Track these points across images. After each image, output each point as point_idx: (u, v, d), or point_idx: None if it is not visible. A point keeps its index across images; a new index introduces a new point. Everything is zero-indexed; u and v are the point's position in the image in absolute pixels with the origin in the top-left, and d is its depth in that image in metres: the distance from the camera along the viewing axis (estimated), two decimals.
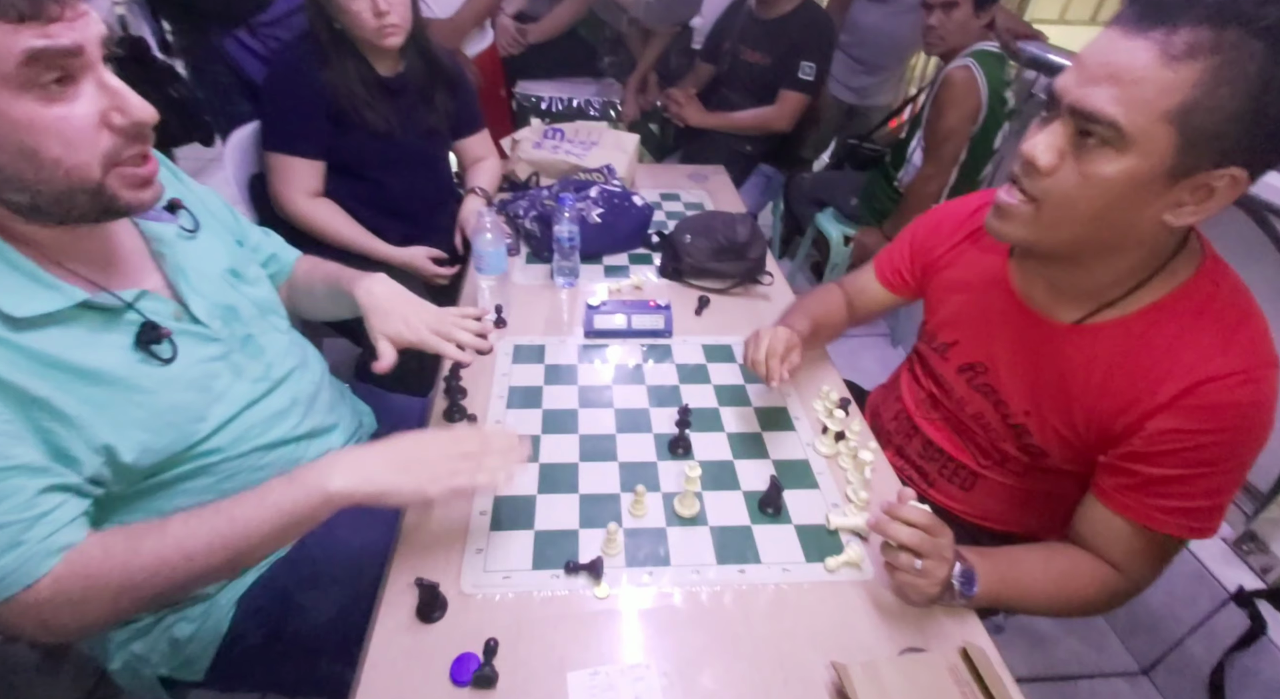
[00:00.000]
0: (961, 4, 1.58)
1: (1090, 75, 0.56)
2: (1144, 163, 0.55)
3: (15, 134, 0.48)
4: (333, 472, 0.59)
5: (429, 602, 0.63)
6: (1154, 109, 0.53)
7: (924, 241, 0.90)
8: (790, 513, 0.78)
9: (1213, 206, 0.56)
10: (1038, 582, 0.69)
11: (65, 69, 0.49)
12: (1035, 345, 0.73)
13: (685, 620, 0.66)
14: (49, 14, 0.47)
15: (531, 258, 1.26)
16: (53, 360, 0.55)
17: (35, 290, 0.55)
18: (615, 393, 0.95)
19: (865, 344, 2.26)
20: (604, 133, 1.52)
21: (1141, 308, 0.65)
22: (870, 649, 0.64)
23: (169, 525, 0.56)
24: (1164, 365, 0.63)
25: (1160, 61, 0.52)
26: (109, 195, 0.54)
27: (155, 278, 0.67)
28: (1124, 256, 0.64)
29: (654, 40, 2.11)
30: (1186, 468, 0.63)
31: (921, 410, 0.91)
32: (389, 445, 0.63)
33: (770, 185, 2.17)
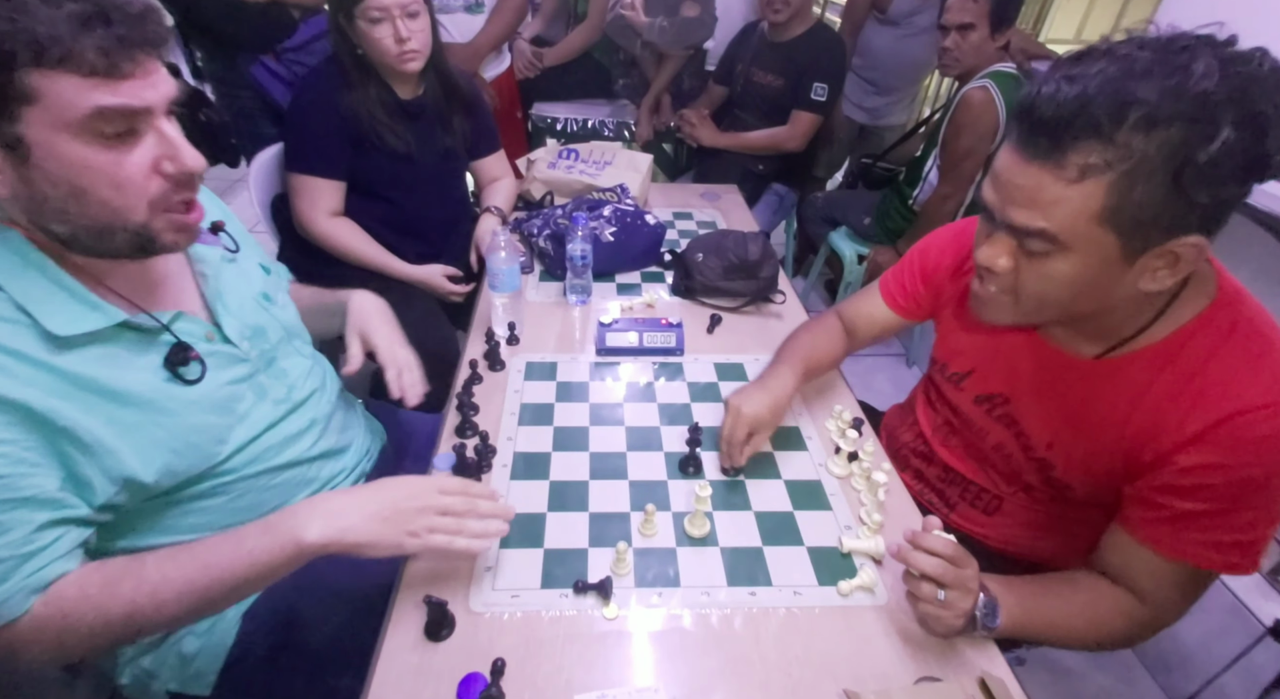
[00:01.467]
0: (978, 26, 1.59)
1: (1008, 195, 0.57)
2: (1093, 256, 0.56)
3: (68, 173, 0.50)
4: (310, 521, 0.57)
5: (437, 620, 0.63)
6: (1080, 217, 0.54)
7: (935, 261, 0.89)
8: (802, 535, 0.77)
9: (1185, 267, 0.56)
10: (1063, 613, 0.67)
11: (130, 125, 0.51)
12: (1057, 378, 0.72)
13: (695, 643, 0.65)
14: (122, 72, 0.48)
15: (545, 276, 1.27)
16: (86, 382, 0.56)
17: (79, 310, 0.56)
18: (626, 411, 0.94)
19: (879, 364, 2.24)
20: (618, 153, 1.54)
21: (1162, 339, 0.64)
22: (884, 677, 0.63)
23: (145, 568, 0.55)
24: (1190, 396, 0.62)
25: (1062, 183, 0.53)
26: (150, 237, 0.56)
27: (193, 299, 0.68)
28: (1123, 310, 0.64)
29: (667, 63, 2.14)
30: (1219, 502, 0.61)
31: (939, 437, 0.89)
32: (370, 494, 0.60)
33: (783, 204, 2.18)
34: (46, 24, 0.45)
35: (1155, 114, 0.49)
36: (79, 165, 0.50)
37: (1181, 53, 0.50)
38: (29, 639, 0.52)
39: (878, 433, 0.99)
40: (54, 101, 0.47)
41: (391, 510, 0.59)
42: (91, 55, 0.47)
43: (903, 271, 0.92)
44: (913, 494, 0.90)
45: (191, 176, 0.56)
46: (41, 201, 0.51)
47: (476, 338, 1.07)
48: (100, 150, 0.50)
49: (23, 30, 0.45)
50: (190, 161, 0.54)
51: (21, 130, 0.48)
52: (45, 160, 0.49)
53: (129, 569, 0.55)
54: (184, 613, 0.57)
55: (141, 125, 0.52)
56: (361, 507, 0.59)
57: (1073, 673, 1.31)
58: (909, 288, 0.92)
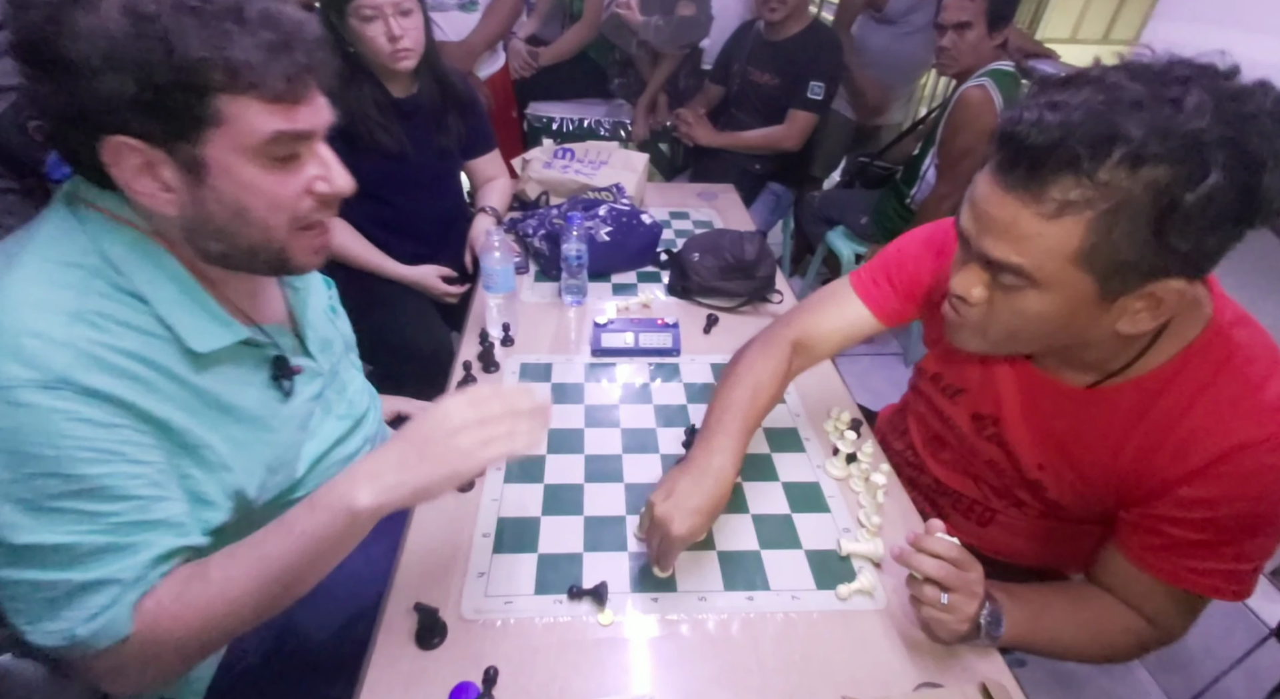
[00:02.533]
0: (975, 25, 1.58)
1: (985, 225, 0.54)
2: (1068, 295, 0.54)
3: (236, 194, 0.51)
4: (354, 488, 0.52)
5: (428, 627, 0.62)
6: (1055, 255, 0.51)
7: (913, 272, 0.81)
8: (800, 538, 0.76)
9: (1167, 311, 0.54)
10: (1067, 627, 0.66)
11: (295, 149, 0.52)
12: (1046, 405, 0.70)
13: (692, 649, 0.64)
14: (298, 97, 0.50)
15: (540, 276, 1.26)
16: (211, 398, 0.56)
17: (213, 326, 0.56)
18: (622, 412, 0.93)
19: (877, 363, 2.23)
20: (614, 152, 1.53)
21: (1153, 369, 0.62)
22: (884, 683, 0.62)
23: (209, 572, 0.53)
24: (1186, 428, 0.60)
25: (1041, 219, 0.50)
26: (286, 257, 0.57)
27: (281, 310, 0.68)
28: (1106, 344, 0.61)
29: (663, 62, 2.13)
30: (1219, 533, 0.60)
31: (930, 450, 0.87)
32: (405, 439, 0.54)
33: (780, 204, 2.17)
34: (242, 51, 0.46)
35: (1141, 152, 0.46)
36: (247, 186, 0.51)
37: (1175, 85, 0.47)
38: (125, 660, 0.50)
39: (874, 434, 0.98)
40: (237, 125, 0.48)
41: (430, 447, 0.53)
42: (278, 82, 0.48)
43: (885, 275, 0.84)
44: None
45: (338, 197, 0.56)
46: (206, 221, 0.52)
47: (470, 339, 1.06)
48: (268, 173, 0.51)
49: (223, 57, 0.46)
50: (342, 183, 0.55)
51: (202, 152, 0.49)
52: (219, 181, 0.50)
53: (194, 574, 0.53)
54: (257, 608, 0.54)
55: (304, 149, 0.53)
56: (399, 456, 0.54)
57: (1074, 676, 1.30)
58: (890, 293, 0.83)
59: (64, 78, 0.45)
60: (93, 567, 0.48)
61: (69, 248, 0.51)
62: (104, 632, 0.48)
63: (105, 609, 0.48)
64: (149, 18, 0.44)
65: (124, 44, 0.44)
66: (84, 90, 0.45)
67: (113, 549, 0.48)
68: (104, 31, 0.44)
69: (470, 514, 0.75)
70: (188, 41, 0.45)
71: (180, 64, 0.45)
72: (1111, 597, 0.67)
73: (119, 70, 0.44)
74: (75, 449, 0.47)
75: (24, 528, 0.46)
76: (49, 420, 0.46)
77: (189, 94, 0.46)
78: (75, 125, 0.48)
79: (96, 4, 0.44)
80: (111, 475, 0.48)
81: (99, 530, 0.48)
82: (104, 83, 0.45)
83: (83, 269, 0.50)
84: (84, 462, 0.47)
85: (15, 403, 0.45)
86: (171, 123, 0.47)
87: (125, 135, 0.47)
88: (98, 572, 0.48)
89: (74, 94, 0.45)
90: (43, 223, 0.53)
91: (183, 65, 0.45)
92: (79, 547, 0.47)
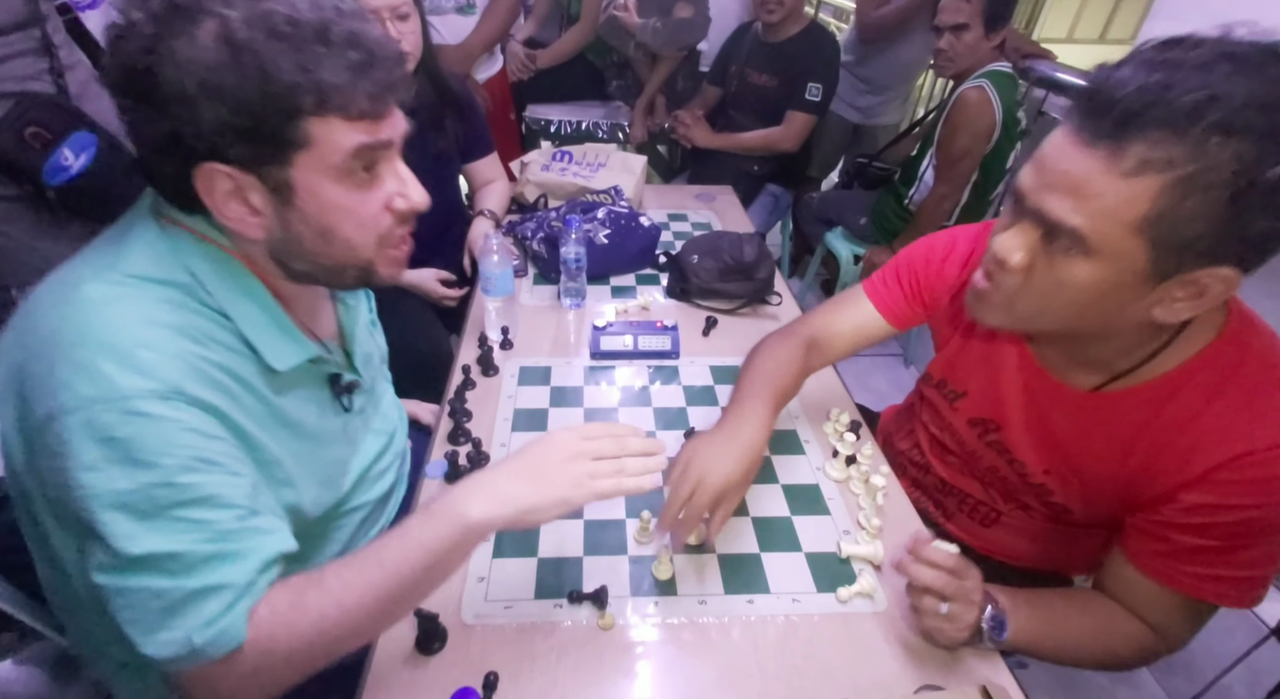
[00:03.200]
0: (972, 26, 1.59)
1: (1048, 180, 0.52)
2: (1116, 269, 0.52)
3: (322, 214, 0.52)
4: (469, 500, 0.53)
5: (429, 633, 0.62)
6: (1117, 220, 0.49)
7: (937, 271, 0.81)
8: (800, 540, 0.76)
9: (1208, 302, 0.52)
10: (1071, 633, 0.66)
11: (373, 160, 0.53)
12: (1050, 409, 0.69)
13: (692, 653, 0.64)
14: (379, 113, 0.51)
15: (539, 279, 1.26)
16: (280, 413, 0.57)
17: (287, 344, 0.57)
18: (621, 415, 0.93)
19: (877, 364, 2.23)
20: (612, 155, 1.53)
21: (1162, 374, 0.61)
22: (885, 686, 0.61)
23: (325, 578, 0.52)
24: (1193, 435, 0.59)
25: (1113, 176, 0.48)
26: (372, 271, 0.58)
27: (333, 326, 0.68)
28: (1125, 337, 0.60)
29: (661, 64, 2.13)
30: (1224, 539, 0.59)
31: (935, 452, 0.87)
32: (518, 460, 0.57)
33: (778, 205, 2.17)
34: (331, 73, 0.47)
35: (1235, 120, 0.44)
36: (332, 206, 0.52)
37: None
38: (240, 671, 0.49)
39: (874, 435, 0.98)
40: (324, 146, 0.49)
41: (543, 469, 0.56)
42: (363, 101, 0.49)
43: (896, 279, 0.85)
44: (910, 500, 0.89)
45: (415, 213, 0.57)
46: (294, 242, 0.53)
47: (469, 343, 1.06)
48: (350, 191, 0.52)
49: (313, 81, 0.46)
50: (418, 198, 0.56)
51: (289, 175, 0.50)
52: (306, 203, 0.51)
53: (310, 581, 0.52)
54: (371, 618, 0.52)
55: (382, 165, 0.54)
56: (514, 475, 0.56)
57: (1075, 676, 1.30)
58: (900, 296, 0.84)
59: (160, 107, 0.46)
60: (205, 573, 0.47)
61: (161, 265, 0.51)
62: (220, 639, 0.47)
63: (220, 616, 0.47)
64: (244, 46, 0.45)
65: (220, 73, 0.45)
66: (180, 119, 0.46)
67: (221, 556, 0.48)
68: (201, 61, 0.45)
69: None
70: (280, 67, 0.45)
71: (274, 90, 0.46)
72: (1117, 604, 0.67)
73: (215, 98, 0.45)
74: (187, 458, 0.47)
75: (139, 537, 0.45)
76: (165, 429, 0.46)
77: (281, 118, 0.47)
78: (169, 153, 0.48)
79: (194, 34, 0.45)
80: (218, 484, 0.48)
81: (208, 538, 0.48)
82: (200, 111, 0.45)
83: (177, 286, 0.51)
84: (194, 470, 0.47)
85: (134, 412, 0.45)
86: (263, 147, 0.48)
87: (218, 162, 0.48)
88: (210, 577, 0.47)
89: (170, 123, 0.46)
90: (131, 238, 0.52)
91: (277, 91, 0.46)
92: (191, 554, 0.47)
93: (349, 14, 0.49)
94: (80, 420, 0.44)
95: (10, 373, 0.49)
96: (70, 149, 0.95)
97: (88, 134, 0.97)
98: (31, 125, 0.92)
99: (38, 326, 0.48)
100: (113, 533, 0.45)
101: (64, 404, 0.44)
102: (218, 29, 0.45)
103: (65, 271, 0.52)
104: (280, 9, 0.46)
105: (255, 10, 0.45)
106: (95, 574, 0.46)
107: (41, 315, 0.49)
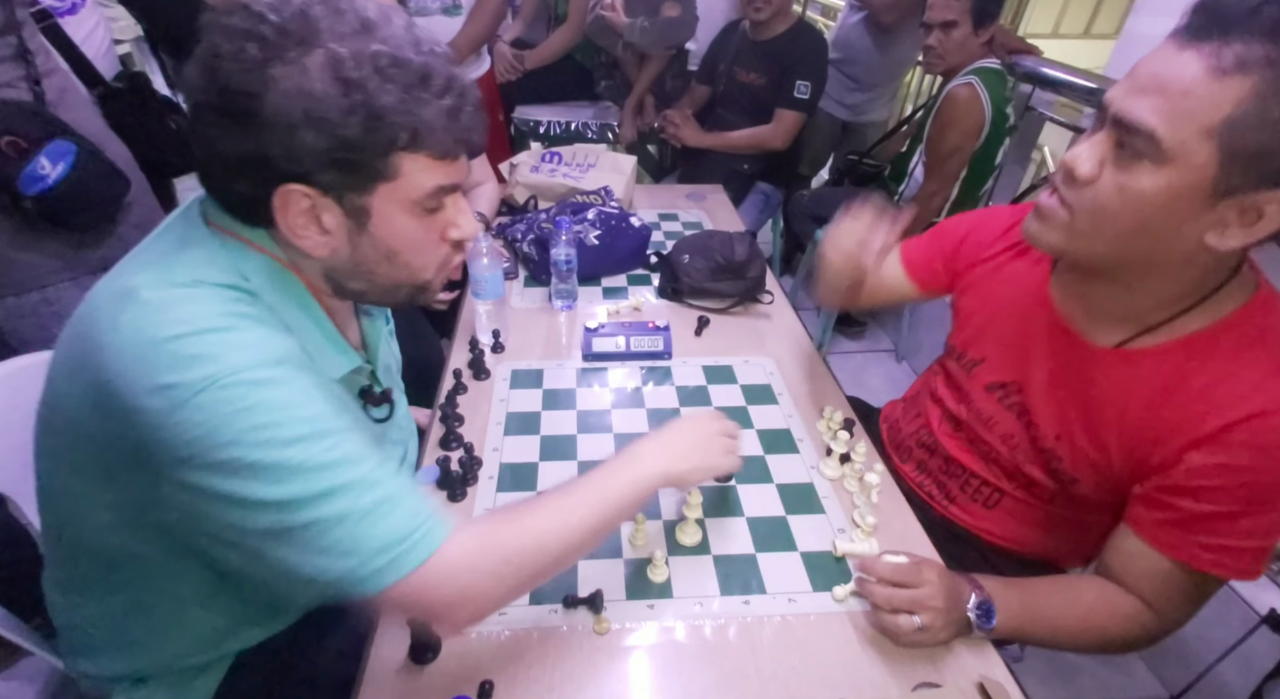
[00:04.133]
0: (960, 23, 1.59)
1: (1139, 85, 0.54)
2: (1183, 178, 0.53)
3: (390, 240, 0.54)
4: (646, 454, 0.63)
5: (422, 642, 0.61)
6: (1196, 123, 0.51)
7: (971, 238, 0.85)
8: (796, 539, 0.75)
9: (1262, 231, 0.53)
10: (1064, 616, 0.66)
11: (442, 199, 0.56)
12: (1072, 367, 0.70)
13: (689, 656, 0.63)
14: (458, 154, 0.54)
15: (529, 281, 1.25)
16: None
17: (336, 354, 0.59)
18: (614, 417, 0.93)
19: (870, 360, 2.24)
20: (601, 155, 1.52)
21: (1185, 336, 0.62)
22: (882, 684, 0.61)
23: (518, 509, 0.56)
24: (1209, 397, 0.60)
25: (1209, 74, 0.50)
26: (426, 290, 0.61)
27: (358, 337, 0.69)
28: (1165, 279, 0.61)
29: (649, 64, 2.13)
30: (1232, 505, 0.60)
31: (946, 427, 0.87)
32: (677, 431, 0.67)
33: (769, 203, 2.17)
34: (429, 115, 0.50)
35: None
36: (400, 233, 0.54)
37: None
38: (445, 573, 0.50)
39: (873, 428, 0.98)
40: (406, 180, 0.51)
41: (697, 438, 0.67)
42: (450, 143, 0.52)
43: (931, 243, 0.89)
44: (913, 485, 0.90)
45: (467, 242, 0.61)
46: (358, 263, 0.55)
47: (460, 346, 1.05)
48: (418, 220, 0.54)
49: (411, 120, 0.49)
50: (468, 229, 0.59)
51: (368, 201, 0.52)
52: (378, 228, 0.53)
53: (503, 511, 0.57)
54: (581, 540, 0.57)
55: (447, 199, 0.56)
56: (683, 438, 0.66)
57: (1070, 666, 1.31)
58: (934, 257, 0.88)
59: (256, 129, 0.47)
60: (384, 484, 0.49)
61: (225, 272, 0.52)
62: (423, 540, 0.49)
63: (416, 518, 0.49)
64: (354, 82, 0.46)
65: (326, 104, 0.46)
66: (276, 142, 0.47)
67: (390, 479, 0.50)
68: (309, 91, 0.46)
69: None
70: (385, 105, 0.47)
71: (377, 125, 0.48)
72: (1110, 584, 0.67)
73: (317, 127, 0.47)
74: (325, 408, 0.49)
75: (310, 476, 0.46)
76: (291, 389, 0.48)
77: (376, 151, 0.49)
78: (252, 172, 0.49)
79: (303, 64, 0.46)
80: (354, 428, 0.51)
81: (373, 465, 0.50)
82: (299, 137, 0.47)
83: (242, 291, 0.52)
84: (335, 416, 0.49)
85: (256, 382, 0.46)
86: (351, 175, 0.50)
87: (301, 184, 0.49)
88: (389, 488, 0.49)
89: (262, 145, 0.47)
90: (191, 245, 0.52)
91: (378, 126, 0.48)
92: (365, 479, 0.48)
93: (444, 58, 0.51)
94: (210, 399, 0.45)
95: (89, 383, 0.48)
96: (48, 157, 0.93)
97: (66, 142, 0.95)
98: (7, 133, 0.90)
99: (119, 326, 0.47)
100: (285, 478, 0.46)
101: (188, 383, 0.45)
102: (327, 62, 0.46)
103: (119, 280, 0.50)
104: (386, 49, 0.48)
105: (365, 49, 0.47)
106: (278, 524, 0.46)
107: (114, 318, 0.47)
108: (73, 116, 1.00)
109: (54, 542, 0.62)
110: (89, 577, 0.60)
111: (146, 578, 0.59)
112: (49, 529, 0.62)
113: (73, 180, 0.95)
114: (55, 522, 0.61)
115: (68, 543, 0.60)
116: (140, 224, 1.13)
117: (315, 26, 0.47)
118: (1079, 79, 1.65)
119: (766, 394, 0.98)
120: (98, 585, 0.60)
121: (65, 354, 0.51)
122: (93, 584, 0.61)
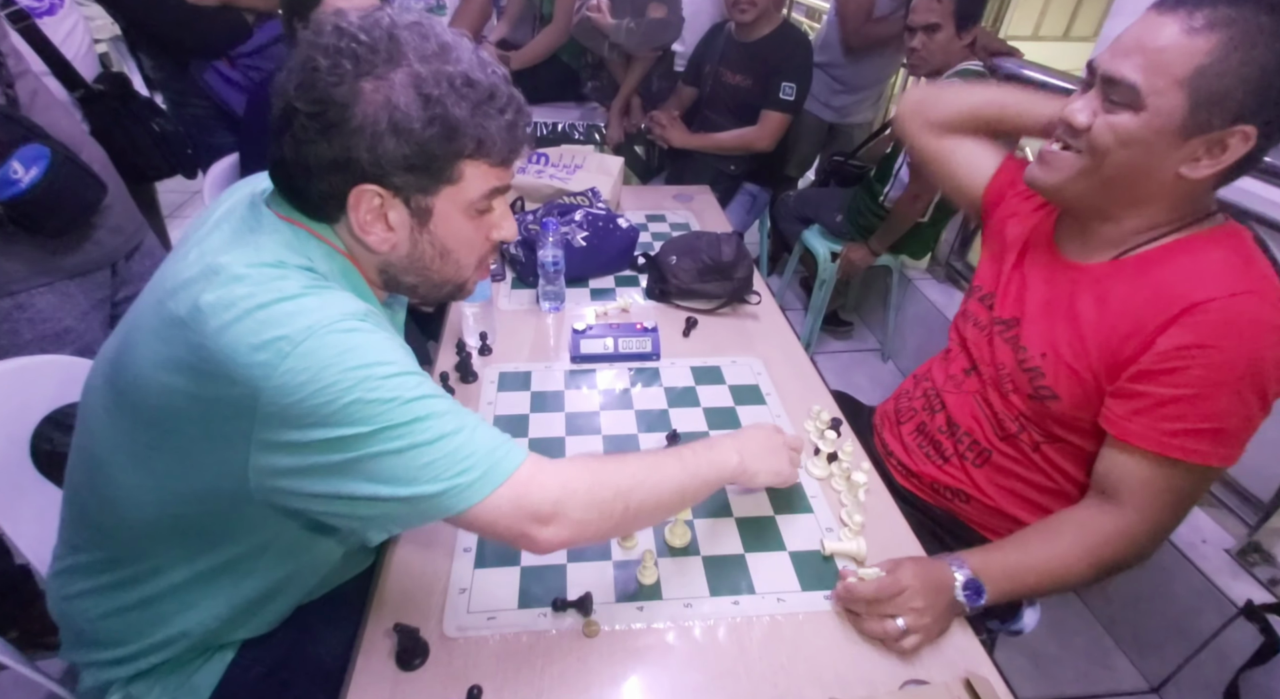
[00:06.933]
0: (943, 26, 1.61)
1: (1122, 48, 0.66)
2: (1158, 120, 0.64)
3: (446, 238, 0.60)
4: (728, 449, 0.70)
5: (409, 648, 0.60)
6: (1170, 74, 0.62)
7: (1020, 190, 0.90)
8: (784, 539, 0.76)
9: (1226, 160, 0.64)
10: (1049, 557, 0.70)
11: (492, 202, 0.61)
12: (1060, 288, 0.78)
13: (679, 657, 0.63)
14: (510, 161, 0.60)
15: (517, 283, 1.25)
16: None
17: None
18: (603, 419, 0.93)
19: (857, 359, 2.26)
20: (588, 156, 1.52)
21: (1164, 244, 0.71)
22: (871, 682, 0.62)
23: (629, 454, 0.64)
24: (1176, 289, 0.67)
25: (1183, 33, 0.61)
26: (465, 287, 0.66)
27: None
28: (1149, 207, 0.71)
29: (636, 65, 2.13)
30: (1194, 387, 0.65)
31: (951, 384, 0.92)
32: (750, 437, 0.75)
33: (756, 204, 2.18)
34: (495, 128, 0.56)
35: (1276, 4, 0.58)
36: (455, 232, 0.60)
37: None
38: (542, 486, 0.56)
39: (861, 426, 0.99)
40: (468, 183, 0.58)
41: (775, 447, 0.75)
42: (507, 151, 0.58)
43: (1013, 170, 0.93)
44: (914, 446, 0.94)
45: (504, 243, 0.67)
46: (415, 259, 0.60)
47: (447, 349, 1.04)
48: (470, 220, 0.60)
49: (482, 131, 0.55)
50: (511, 232, 0.65)
51: (432, 202, 0.57)
52: (437, 227, 0.59)
53: (603, 456, 0.67)
54: (668, 497, 0.64)
55: (496, 202, 0.62)
56: (756, 444, 0.74)
57: (1051, 659, 1.33)
58: (1006, 184, 0.92)
59: (344, 135, 0.52)
60: (467, 412, 0.56)
61: (296, 255, 0.56)
62: (515, 449, 0.56)
63: (502, 436, 0.56)
64: (434, 98, 0.53)
65: (410, 116, 0.52)
66: (361, 148, 0.53)
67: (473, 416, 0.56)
68: (396, 104, 0.52)
69: (451, 529, 0.74)
70: (459, 119, 0.54)
71: (450, 135, 0.54)
72: (1086, 509, 0.73)
73: (400, 136, 0.53)
74: (405, 355, 0.54)
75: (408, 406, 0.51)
76: (379, 337, 0.53)
77: (447, 158, 0.55)
78: (335, 172, 0.54)
79: (390, 80, 0.52)
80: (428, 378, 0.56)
81: (453, 401, 0.56)
82: (383, 144, 0.53)
83: (315, 273, 0.56)
84: (413, 360, 0.55)
85: (349, 330, 0.51)
86: (422, 178, 0.56)
87: (376, 184, 0.54)
88: (471, 415, 0.56)
89: (351, 149, 0.53)
90: (266, 230, 0.57)
91: (453, 136, 0.54)
92: (452, 408, 0.55)
93: (503, 78, 0.57)
94: (313, 345, 0.49)
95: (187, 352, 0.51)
96: (20, 161, 0.91)
97: (39, 146, 0.93)
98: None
99: (219, 296, 0.51)
100: (385, 409, 0.50)
101: (291, 335, 0.49)
102: (410, 79, 0.52)
103: (202, 261, 0.54)
104: (460, 69, 0.54)
105: (441, 69, 0.53)
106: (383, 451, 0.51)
107: (211, 290, 0.51)
108: (46, 119, 0.98)
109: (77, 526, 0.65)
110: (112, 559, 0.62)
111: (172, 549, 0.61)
112: (76, 518, 0.65)
113: (46, 185, 0.93)
114: (92, 505, 0.62)
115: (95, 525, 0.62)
116: (118, 228, 1.11)
117: (402, 48, 0.53)
118: (1058, 81, 1.67)
119: (754, 394, 0.99)
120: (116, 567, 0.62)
121: (148, 334, 0.54)
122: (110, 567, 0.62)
